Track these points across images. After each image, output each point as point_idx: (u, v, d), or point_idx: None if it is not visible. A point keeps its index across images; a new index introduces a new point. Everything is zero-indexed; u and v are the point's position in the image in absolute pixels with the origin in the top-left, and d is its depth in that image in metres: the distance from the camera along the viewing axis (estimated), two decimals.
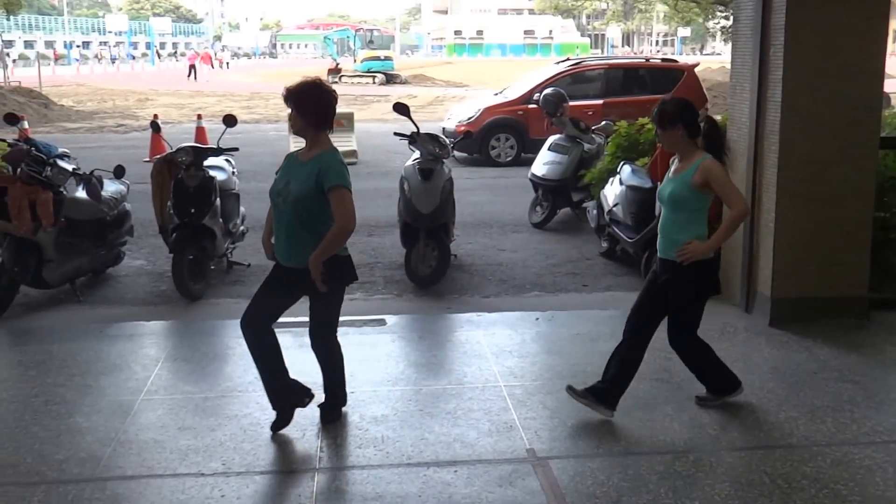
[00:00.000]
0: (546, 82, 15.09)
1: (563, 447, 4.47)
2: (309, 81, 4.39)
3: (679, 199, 4.55)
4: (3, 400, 5.00)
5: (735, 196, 4.49)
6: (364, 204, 11.53)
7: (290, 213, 4.36)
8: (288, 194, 4.35)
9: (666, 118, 4.51)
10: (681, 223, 4.59)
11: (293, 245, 4.40)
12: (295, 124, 4.41)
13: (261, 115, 26.27)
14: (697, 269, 4.57)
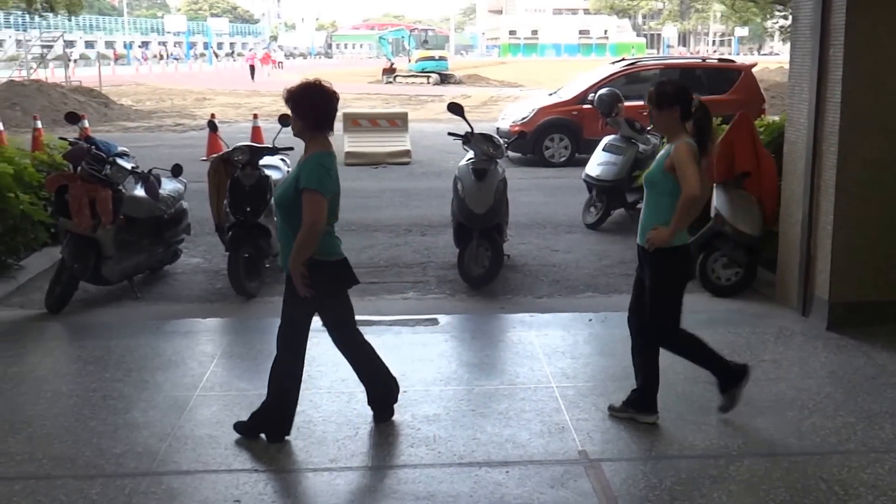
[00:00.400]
0: (601, 82, 14.96)
1: (615, 449, 4.42)
2: (309, 83, 4.32)
3: (652, 181, 4.55)
4: (63, 394, 5.12)
5: (689, 178, 4.35)
6: (417, 204, 11.65)
7: (278, 217, 4.39)
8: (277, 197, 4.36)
9: (665, 99, 4.47)
10: (654, 207, 4.55)
11: (283, 249, 4.41)
12: (294, 126, 4.34)
13: None
14: (667, 254, 4.51)
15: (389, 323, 6.38)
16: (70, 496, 3.92)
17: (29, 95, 23.84)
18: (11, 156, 8.26)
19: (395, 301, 7.26)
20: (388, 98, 32.51)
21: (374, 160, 15.40)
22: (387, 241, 9.44)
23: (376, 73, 47.42)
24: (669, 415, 4.76)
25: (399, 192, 12.45)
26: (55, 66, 39.40)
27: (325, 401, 4.97)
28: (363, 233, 9.85)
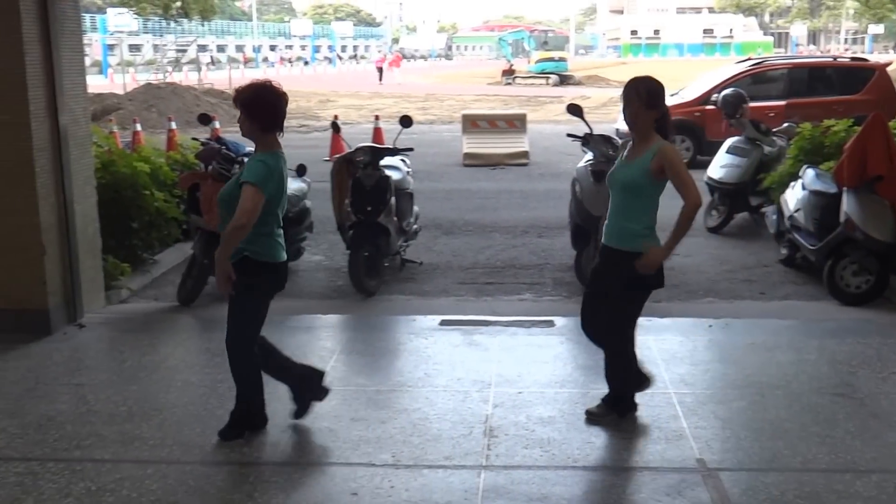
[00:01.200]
0: (725, 82, 14.54)
1: (734, 459, 4.29)
2: (259, 84, 4.34)
3: (634, 185, 4.40)
4: (192, 384, 5.35)
5: (690, 186, 4.26)
6: (535, 205, 11.62)
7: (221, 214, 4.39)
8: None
9: (654, 98, 4.34)
10: (633, 211, 4.43)
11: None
12: (243, 127, 4.30)
13: (435, 115, 26.78)
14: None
15: (505, 324, 6.38)
16: (198, 481, 4.09)
17: (164, 98, 25.00)
18: (148, 155, 8.70)
19: (512, 302, 7.26)
20: (506, 99, 32.53)
21: (491, 161, 15.44)
22: (504, 243, 9.45)
23: (496, 74, 47.51)
24: (793, 426, 4.59)
25: (517, 194, 12.44)
26: (189, 70, 41.19)
27: (441, 399, 5.02)
28: (480, 233, 9.90)
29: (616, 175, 4.51)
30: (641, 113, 4.39)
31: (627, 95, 4.40)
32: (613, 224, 4.52)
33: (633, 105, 4.39)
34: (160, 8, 36.83)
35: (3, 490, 4.01)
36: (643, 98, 4.37)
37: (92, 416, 4.80)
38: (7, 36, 5.81)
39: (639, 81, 4.43)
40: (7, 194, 6.01)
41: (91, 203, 6.64)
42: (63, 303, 6.32)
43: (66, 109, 6.23)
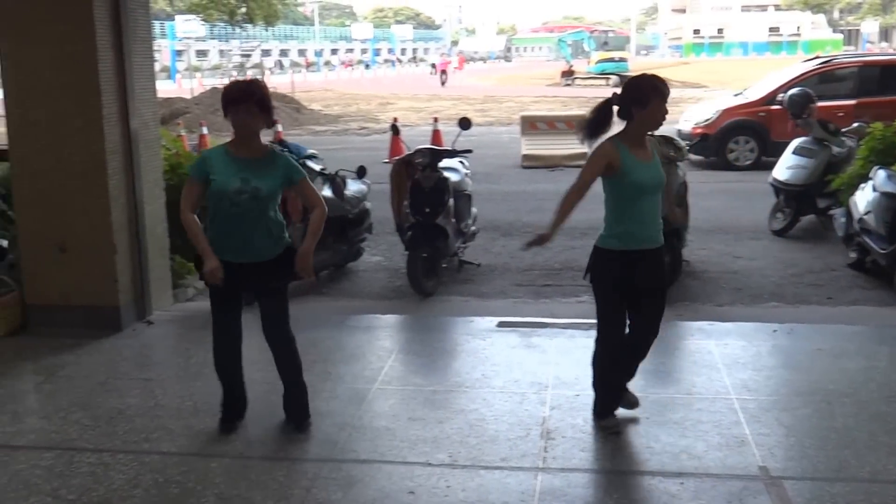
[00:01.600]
0: (792, 82, 14.25)
1: (799, 467, 4.22)
2: (260, 81, 4.41)
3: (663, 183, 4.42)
4: (254, 381, 5.43)
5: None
6: (593, 207, 11.46)
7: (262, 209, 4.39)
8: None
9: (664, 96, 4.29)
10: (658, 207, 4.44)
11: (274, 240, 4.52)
12: (254, 124, 4.28)
13: (494, 117, 26.78)
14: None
15: (564, 326, 6.36)
16: (260, 476, 4.17)
17: None
18: None
19: (570, 304, 7.23)
20: (566, 101, 32.34)
21: (550, 163, 15.39)
22: (562, 244, 9.40)
23: (555, 75, 47.26)
24: (861, 435, 4.49)
25: None
26: (253, 74, 41.88)
27: (498, 400, 5.03)
28: None
29: (650, 176, 4.38)
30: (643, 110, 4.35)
31: (665, 91, 4.33)
32: (655, 225, 4.45)
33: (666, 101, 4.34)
34: (226, 14, 37.58)
35: (76, 479, 4.15)
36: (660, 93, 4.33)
37: (159, 410, 4.94)
38: (82, 43, 6.00)
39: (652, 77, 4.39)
40: (81, 195, 6.20)
41: (160, 204, 6.81)
42: (133, 300, 6.50)
43: (137, 114, 6.41)
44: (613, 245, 4.45)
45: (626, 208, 4.38)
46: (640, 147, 4.39)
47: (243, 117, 4.24)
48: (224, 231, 4.37)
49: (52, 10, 6.00)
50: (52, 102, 6.10)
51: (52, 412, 4.96)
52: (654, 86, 4.30)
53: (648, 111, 4.30)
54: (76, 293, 6.33)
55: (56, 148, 6.16)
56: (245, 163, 4.31)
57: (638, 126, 4.39)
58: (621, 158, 4.32)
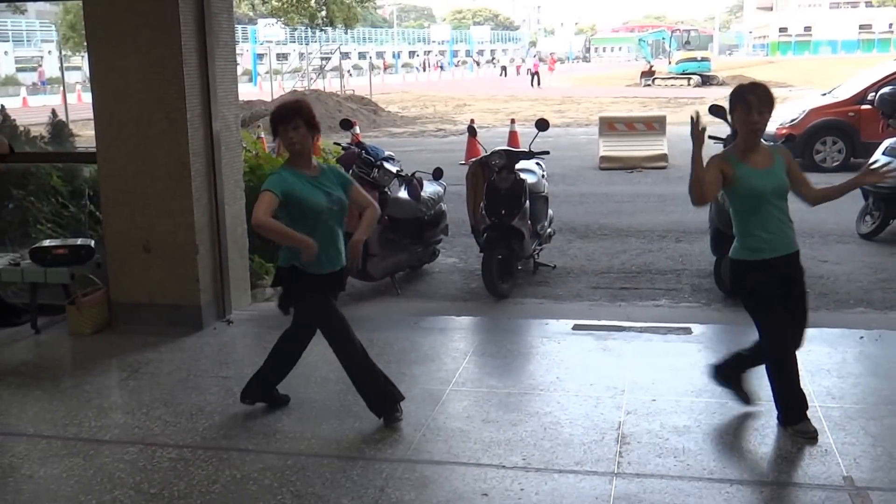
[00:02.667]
0: (884, 81, 13.77)
1: (887, 478, 4.05)
2: (301, 99, 4.60)
3: (787, 189, 4.40)
4: (329, 380, 5.51)
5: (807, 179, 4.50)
6: (673, 209, 11.35)
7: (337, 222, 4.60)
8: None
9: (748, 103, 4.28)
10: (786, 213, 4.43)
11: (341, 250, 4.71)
12: (306, 142, 4.45)
13: (571, 118, 26.60)
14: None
15: (640, 329, 6.27)
16: (334, 475, 4.22)
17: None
18: None
19: (647, 308, 7.12)
20: (645, 101, 31.91)
21: (629, 164, 15.20)
22: (640, 247, 9.29)
23: (635, 76, 46.69)
24: None
25: (654, 197, 12.19)
26: (332, 77, 42.49)
27: (573, 404, 4.98)
28: (616, 237, 9.76)
29: (767, 183, 4.36)
30: (767, 117, 4.37)
31: (751, 101, 4.30)
32: (788, 230, 4.46)
33: (758, 109, 4.31)
34: (307, 18, 38.16)
35: (157, 474, 4.26)
36: (767, 102, 4.33)
37: (238, 408, 5.03)
38: (169, 48, 6.17)
39: (757, 87, 4.41)
40: (165, 196, 6.37)
41: (240, 205, 6.95)
42: (213, 300, 6.66)
43: (220, 116, 6.56)
44: (746, 256, 4.46)
45: (749, 217, 4.42)
46: (753, 154, 4.40)
47: (292, 135, 4.44)
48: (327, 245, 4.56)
49: (139, 16, 6.19)
50: (139, 106, 6.29)
51: (136, 408, 5.11)
52: (738, 93, 4.36)
53: (736, 118, 4.38)
54: (159, 292, 6.51)
55: (142, 150, 6.35)
56: (314, 179, 4.53)
57: (739, 134, 4.45)
58: (732, 167, 4.38)
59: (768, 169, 4.37)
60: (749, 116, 4.31)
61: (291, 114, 4.43)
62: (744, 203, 4.41)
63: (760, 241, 4.39)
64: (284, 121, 4.44)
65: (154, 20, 6.17)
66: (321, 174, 4.58)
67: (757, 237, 4.39)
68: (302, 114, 4.44)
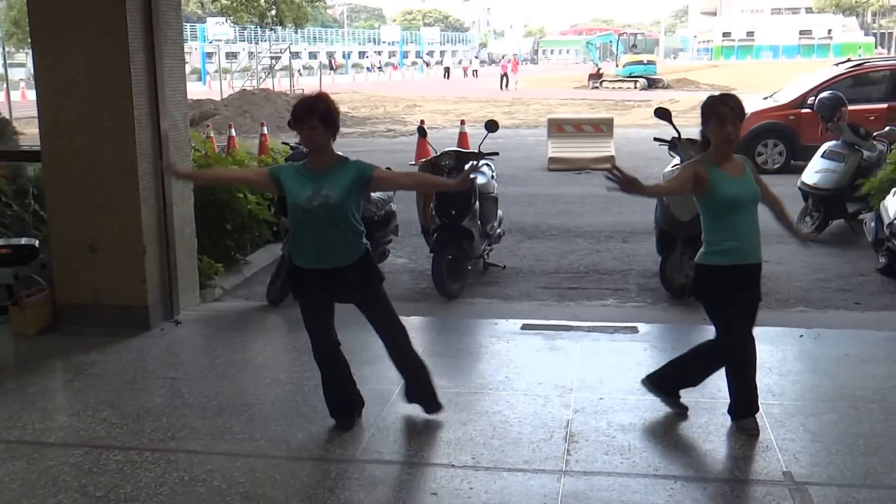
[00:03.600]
0: (823, 85, 14.13)
1: (825, 473, 4.18)
2: (325, 95, 4.51)
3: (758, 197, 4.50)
4: (280, 381, 5.50)
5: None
6: (620, 210, 11.51)
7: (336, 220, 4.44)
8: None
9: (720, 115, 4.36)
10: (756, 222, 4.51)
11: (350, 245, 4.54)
12: (318, 138, 4.40)
13: (521, 120, 26.77)
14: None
15: (588, 329, 6.36)
16: (283, 475, 4.21)
17: (258, 103, 25.70)
18: (241, 159, 8.99)
19: (595, 307, 7.22)
20: (593, 103, 32.26)
21: (577, 165, 15.37)
22: (588, 247, 9.40)
23: (583, 78, 47.12)
24: (889, 441, 4.44)
25: (601, 198, 12.32)
26: (281, 76, 42.15)
27: (522, 403, 5.04)
28: (564, 238, 9.87)
29: (743, 191, 4.45)
30: (739, 128, 4.43)
31: (724, 113, 4.38)
32: (755, 239, 4.53)
33: (732, 120, 4.39)
34: (256, 17, 37.84)
35: (104, 477, 4.21)
36: (738, 114, 4.41)
37: (186, 409, 5.00)
38: (115, 45, 6.09)
39: (728, 98, 4.49)
40: (112, 196, 6.29)
41: (188, 205, 6.88)
42: (161, 300, 6.58)
43: (168, 115, 6.49)
44: (714, 261, 4.52)
45: (721, 223, 4.48)
46: (726, 163, 4.48)
47: (308, 133, 4.39)
48: (301, 239, 4.51)
49: (84, 12, 6.10)
50: (84, 104, 6.20)
51: (81, 410, 5.04)
52: (711, 105, 4.45)
53: (709, 130, 4.47)
54: (106, 292, 6.42)
55: (88, 149, 6.25)
56: (317, 174, 4.45)
57: (713, 145, 4.51)
58: (709, 173, 4.43)
59: (741, 177, 4.45)
60: (723, 129, 4.37)
61: (308, 113, 4.38)
62: (718, 209, 4.45)
63: (730, 247, 4.45)
64: (300, 120, 4.40)
65: (100, 17, 6.09)
66: (333, 168, 4.47)
67: (727, 243, 4.45)
68: (317, 112, 4.37)
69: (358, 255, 4.54)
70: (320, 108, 4.39)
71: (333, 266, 4.50)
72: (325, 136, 4.42)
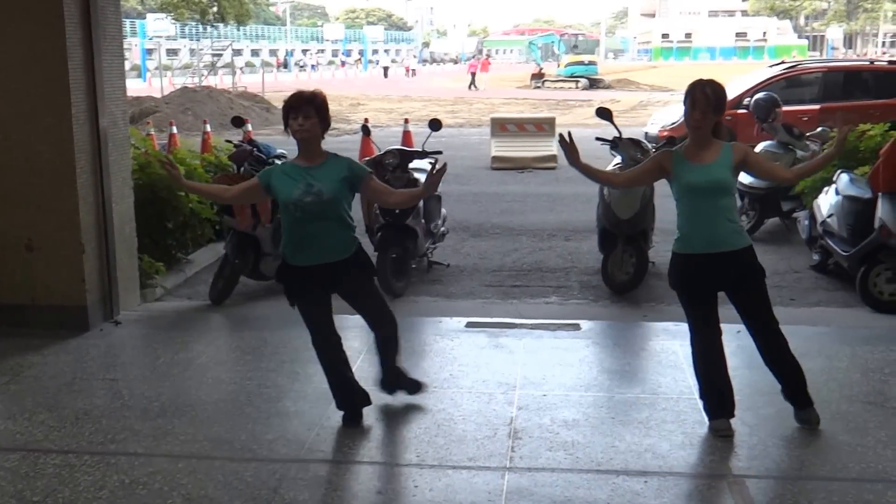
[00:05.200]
0: (758, 86, 14.45)
1: (761, 466, 4.29)
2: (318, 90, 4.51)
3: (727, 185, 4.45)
4: (223, 381, 5.44)
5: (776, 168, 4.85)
6: (562, 208, 11.64)
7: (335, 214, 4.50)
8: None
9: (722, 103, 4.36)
10: (732, 209, 4.51)
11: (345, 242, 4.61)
12: (314, 129, 4.39)
13: (464, 119, 26.85)
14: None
15: (531, 326, 6.42)
16: (227, 477, 4.17)
17: (200, 101, 25.33)
18: (183, 157, 8.86)
19: (538, 305, 7.29)
20: (535, 103, 32.50)
21: (520, 165, 15.48)
22: (531, 246, 9.48)
23: (525, 78, 47.43)
24: (822, 434, 4.57)
25: (544, 197, 12.46)
26: (224, 74, 41.62)
27: (466, 400, 5.07)
28: (507, 236, 9.93)
29: (700, 179, 4.41)
30: (709, 116, 4.38)
31: (697, 98, 4.36)
32: (721, 227, 4.46)
33: (701, 107, 4.35)
34: (197, 13, 37.28)
35: (41, 481, 4.12)
36: (712, 102, 4.36)
37: (126, 411, 4.92)
38: (52, 41, 5.96)
39: (707, 84, 4.39)
40: (50, 194, 6.15)
41: (128, 203, 6.77)
42: (100, 300, 6.46)
43: (107, 112, 6.37)
44: (676, 248, 4.59)
45: (681, 210, 4.53)
46: (700, 150, 4.45)
47: (303, 123, 4.35)
48: (296, 236, 4.51)
49: (20, 8, 5.96)
50: (21, 101, 6.06)
51: (18, 413, 4.92)
52: (689, 90, 4.42)
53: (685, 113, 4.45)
54: (43, 293, 6.28)
55: (25, 146, 6.11)
56: (308, 171, 4.44)
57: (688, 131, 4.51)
58: (672, 162, 4.49)
59: (707, 165, 4.40)
60: (692, 114, 4.38)
61: (303, 102, 4.36)
62: (676, 196, 4.53)
63: (684, 234, 4.53)
64: (295, 108, 4.37)
65: (36, 12, 5.95)
66: (324, 164, 4.48)
67: (682, 231, 4.52)
68: (314, 102, 4.37)
69: (353, 248, 4.59)
70: (318, 99, 4.40)
71: (331, 260, 4.53)
72: (318, 128, 4.42)
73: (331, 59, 76.14)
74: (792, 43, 77.21)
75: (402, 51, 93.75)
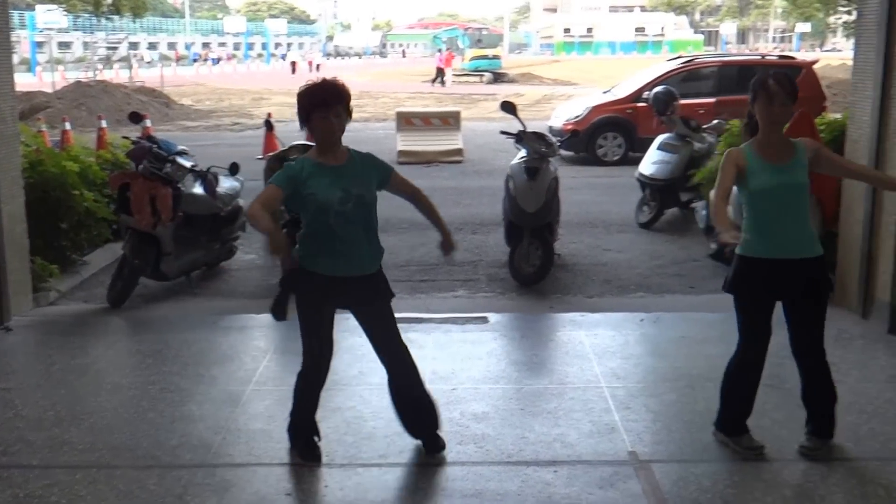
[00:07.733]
0: (657, 80, 14.81)
1: (666, 451, 4.39)
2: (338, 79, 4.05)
3: (806, 186, 4.07)
4: (123, 386, 5.26)
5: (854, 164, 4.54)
6: (469, 202, 11.69)
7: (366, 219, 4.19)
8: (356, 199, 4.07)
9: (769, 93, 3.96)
10: (809, 213, 4.15)
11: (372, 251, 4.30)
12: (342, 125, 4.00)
13: (370, 113, 26.70)
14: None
15: (439, 321, 6.42)
16: (129, 486, 4.03)
17: (94, 96, 24.47)
18: (77, 154, 8.51)
19: (446, 299, 7.30)
20: (441, 97, 32.59)
21: (426, 159, 15.48)
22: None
23: (430, 72, 47.50)
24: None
25: (451, 191, 12.48)
26: (120, 68, 40.34)
27: (375, 397, 5.02)
28: (415, 231, 9.90)
29: (780, 181, 4.01)
30: (789, 107, 4.01)
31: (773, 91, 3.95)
32: (802, 231, 4.10)
33: (781, 99, 3.96)
34: (91, 5, 36.01)
35: None
36: (790, 91, 3.97)
37: (19, 422, 4.70)
38: None
39: (772, 76, 4.00)
40: None
41: (19, 203, 6.49)
42: None
43: None
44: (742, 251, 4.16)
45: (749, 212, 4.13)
46: (771, 148, 4.06)
47: (333, 122, 3.91)
48: (332, 246, 4.08)
49: None
50: None
51: None
52: (760, 81, 4.02)
53: (757, 108, 4.04)
54: None
55: None
56: (337, 171, 4.01)
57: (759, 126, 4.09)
58: (746, 161, 4.06)
59: (786, 165, 4.03)
60: (770, 107, 3.96)
61: (335, 98, 3.90)
62: (746, 197, 4.11)
63: (759, 238, 4.10)
64: (326, 105, 3.89)
65: None
66: (350, 163, 4.05)
67: (758, 235, 4.10)
68: (345, 99, 3.93)
69: (380, 261, 4.25)
70: (347, 94, 3.95)
71: (362, 273, 4.17)
72: (344, 126, 3.99)
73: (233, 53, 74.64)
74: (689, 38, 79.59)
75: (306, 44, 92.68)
